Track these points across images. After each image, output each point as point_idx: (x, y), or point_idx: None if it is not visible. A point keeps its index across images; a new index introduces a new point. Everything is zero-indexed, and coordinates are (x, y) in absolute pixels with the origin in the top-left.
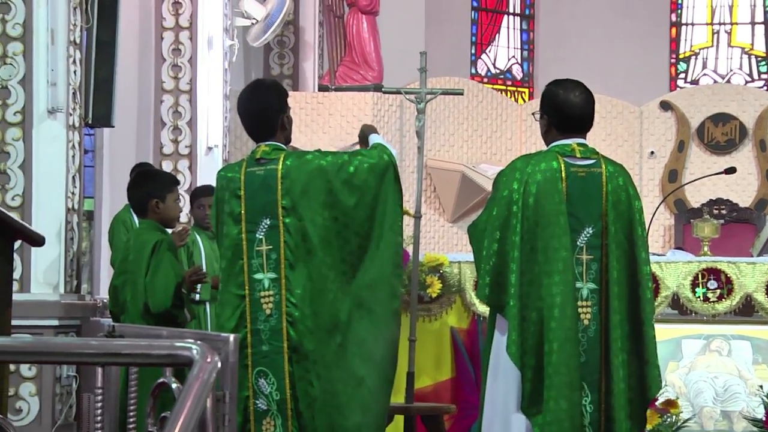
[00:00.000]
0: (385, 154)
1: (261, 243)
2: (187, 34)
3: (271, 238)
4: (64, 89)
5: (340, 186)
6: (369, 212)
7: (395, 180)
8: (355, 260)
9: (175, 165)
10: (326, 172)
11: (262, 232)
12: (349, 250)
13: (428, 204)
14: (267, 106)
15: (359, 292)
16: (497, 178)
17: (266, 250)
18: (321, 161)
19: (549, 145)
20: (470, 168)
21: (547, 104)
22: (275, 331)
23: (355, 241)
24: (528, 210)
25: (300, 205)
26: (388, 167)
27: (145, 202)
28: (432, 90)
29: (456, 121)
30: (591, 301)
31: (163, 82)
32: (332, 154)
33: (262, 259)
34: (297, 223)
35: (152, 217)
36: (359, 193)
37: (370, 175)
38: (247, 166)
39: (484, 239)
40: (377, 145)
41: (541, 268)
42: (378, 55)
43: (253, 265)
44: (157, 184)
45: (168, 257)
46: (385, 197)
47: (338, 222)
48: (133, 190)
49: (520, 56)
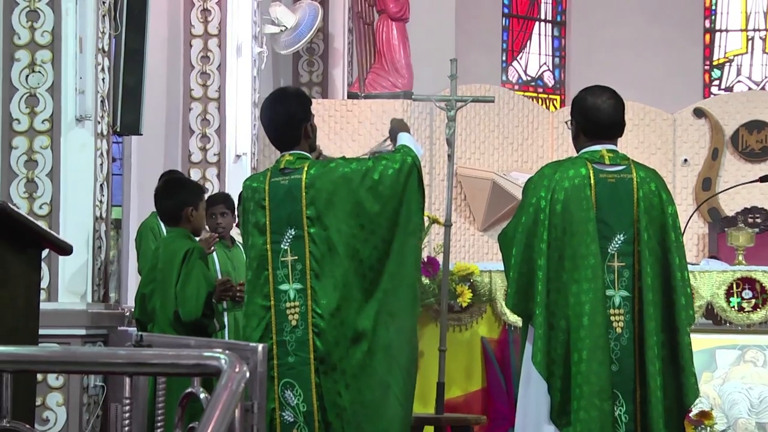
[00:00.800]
0: (408, 157)
1: (286, 254)
2: (216, 42)
3: (297, 248)
4: (92, 97)
5: (365, 194)
6: (394, 218)
7: (419, 183)
8: (380, 266)
9: (204, 173)
10: (351, 180)
11: (287, 243)
12: (377, 257)
13: (458, 212)
14: (290, 114)
15: (384, 298)
16: (526, 186)
17: (291, 260)
18: (345, 169)
19: (579, 151)
20: (501, 176)
21: (576, 109)
22: (301, 342)
23: (381, 247)
24: (555, 217)
25: (325, 214)
26: (412, 170)
27: (179, 211)
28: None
29: (487, 129)
30: (624, 308)
31: (192, 90)
32: (356, 161)
33: (287, 269)
34: (322, 232)
35: (185, 225)
36: (384, 200)
37: (395, 181)
38: (272, 176)
39: (512, 247)
40: (402, 148)
41: (569, 275)
42: (408, 62)
43: (279, 275)
44: (190, 191)
45: (200, 266)
46: (409, 201)
47: (365, 230)
48: (165, 199)
49: (552, 63)
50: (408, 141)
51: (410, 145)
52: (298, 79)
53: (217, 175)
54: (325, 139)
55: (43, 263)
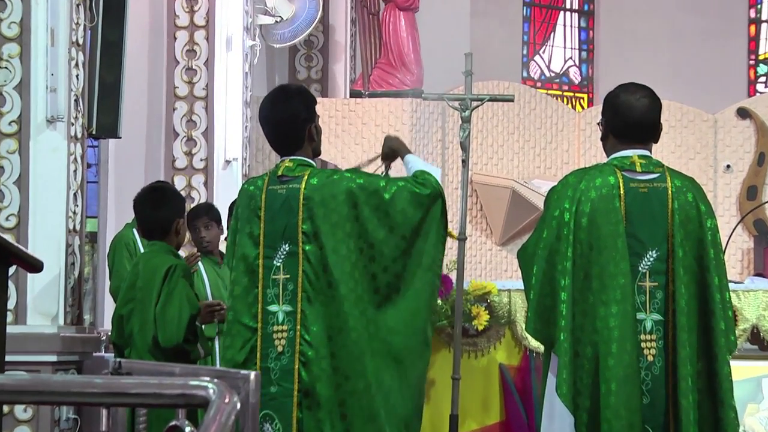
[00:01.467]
0: (432, 182)
1: (278, 271)
2: (203, 34)
3: (290, 266)
4: (65, 96)
5: (370, 214)
6: (404, 247)
7: (442, 214)
8: (383, 300)
9: (189, 181)
10: (355, 195)
11: (280, 259)
12: (376, 288)
13: (474, 224)
14: (292, 115)
15: (387, 337)
16: (548, 196)
17: (283, 279)
18: (350, 183)
19: (608, 155)
20: (521, 184)
21: (607, 107)
22: (286, 371)
23: (383, 278)
24: (581, 232)
25: (322, 231)
26: (436, 199)
27: (170, 223)
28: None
29: (506, 131)
30: (656, 334)
31: (176, 88)
32: (366, 176)
33: (278, 288)
34: (318, 251)
35: (171, 239)
36: (392, 226)
37: (411, 206)
38: (269, 183)
39: (533, 265)
40: (421, 174)
41: (597, 297)
42: (417, 57)
43: (269, 295)
44: (179, 201)
45: (182, 285)
46: (427, 232)
47: (363, 254)
48: (154, 209)
49: (578, 57)
50: (423, 165)
51: (428, 169)
52: (294, 75)
53: (204, 183)
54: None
55: (10, 281)
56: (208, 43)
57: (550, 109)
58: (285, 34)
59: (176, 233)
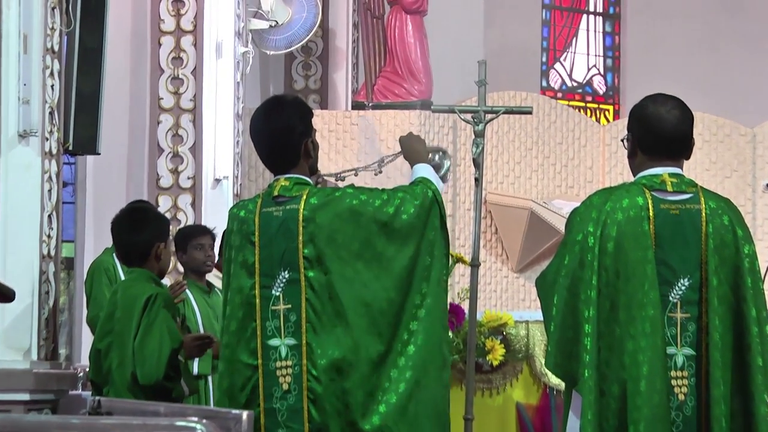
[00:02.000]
0: (429, 190)
1: (278, 301)
2: (191, 39)
3: (291, 295)
4: (39, 108)
5: (377, 231)
6: (412, 264)
7: (441, 223)
8: (396, 322)
9: (175, 201)
10: (360, 213)
11: (279, 288)
12: (391, 311)
13: (488, 249)
14: (287, 128)
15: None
16: (570, 218)
17: (284, 309)
18: (353, 200)
19: (635, 172)
20: (541, 204)
21: (634, 120)
22: (294, 411)
23: (397, 299)
24: (606, 258)
25: (327, 255)
26: (432, 206)
27: (150, 248)
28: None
29: (523, 147)
30: (687, 370)
31: (161, 99)
32: (368, 192)
33: (279, 320)
34: (323, 277)
35: (151, 265)
36: (401, 240)
37: (415, 218)
38: (263, 204)
39: (554, 294)
40: (421, 180)
41: (624, 329)
42: (426, 65)
43: (268, 327)
44: (160, 224)
45: (163, 316)
46: (431, 245)
47: (375, 276)
48: (133, 232)
49: (603, 65)
50: (427, 173)
51: (430, 177)
52: (291, 84)
53: (192, 204)
54: (324, 158)
55: None
56: (196, 49)
57: (572, 122)
58: (280, 41)
59: (157, 259)
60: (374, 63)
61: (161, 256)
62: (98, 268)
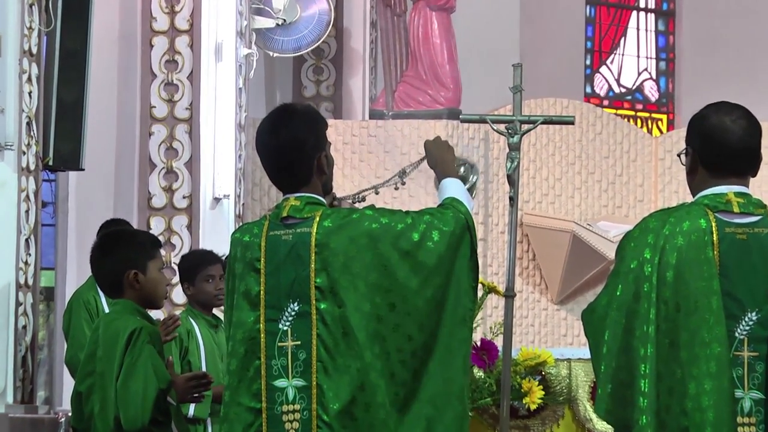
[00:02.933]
0: (461, 214)
1: (285, 336)
2: (186, 40)
3: (300, 330)
4: (15, 118)
5: (399, 261)
6: (439, 298)
7: (472, 252)
8: (418, 365)
9: (169, 223)
10: (379, 239)
11: (287, 322)
12: (411, 351)
13: (525, 278)
14: (297, 142)
15: (420, 410)
16: (622, 244)
17: (292, 346)
18: (372, 224)
19: (694, 191)
20: (585, 227)
21: (693, 132)
22: None
23: (419, 338)
24: (666, 289)
25: (341, 285)
26: (463, 234)
27: (118, 275)
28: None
29: (564, 161)
30: (755, 416)
31: (153, 107)
32: (390, 214)
33: (286, 359)
34: (336, 310)
35: (129, 295)
36: (426, 272)
37: (444, 246)
38: (270, 227)
39: (605, 330)
40: (451, 202)
41: (686, 370)
42: (453, 68)
43: (274, 367)
44: (134, 247)
45: (148, 353)
46: (459, 276)
47: (395, 311)
48: (100, 258)
49: (656, 69)
50: (458, 192)
51: (461, 197)
52: (300, 91)
53: (188, 226)
54: (338, 175)
55: None
56: (193, 51)
57: (620, 133)
58: (288, 42)
59: (131, 288)
60: (395, 67)
61: (137, 284)
62: (77, 301)
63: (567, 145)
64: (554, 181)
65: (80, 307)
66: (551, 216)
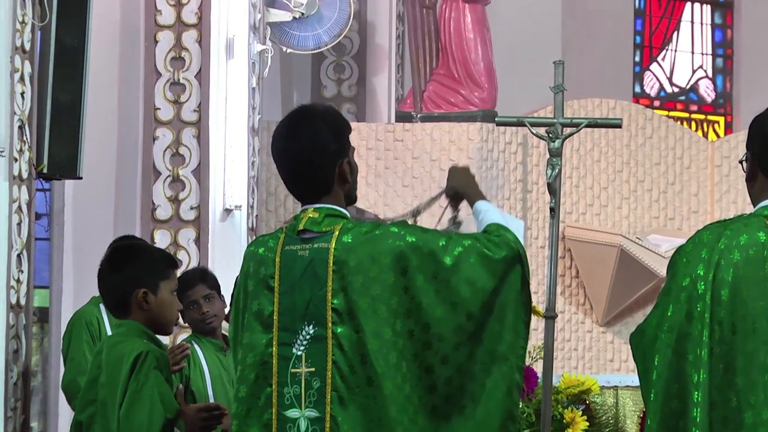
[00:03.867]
0: (510, 240)
1: (299, 362)
2: (195, 35)
3: (315, 355)
4: (6, 121)
5: (424, 284)
6: (471, 329)
7: (523, 285)
8: (441, 403)
9: (175, 236)
10: (405, 259)
11: (302, 346)
12: (431, 385)
13: (567, 297)
14: (317, 147)
15: None
16: (674, 260)
17: (306, 373)
18: (398, 241)
19: (755, 202)
20: (633, 241)
21: (754, 135)
22: None
23: (442, 372)
24: (720, 309)
25: (359, 308)
26: (514, 263)
27: (127, 294)
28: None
29: (611, 168)
30: None
31: (158, 110)
32: (420, 233)
33: (299, 387)
34: (354, 335)
35: (137, 316)
36: (454, 299)
37: (481, 274)
38: (286, 242)
39: (655, 354)
40: (496, 229)
41: (742, 398)
42: (488, 66)
43: (286, 395)
44: (146, 264)
45: (154, 379)
46: (503, 309)
47: (414, 339)
48: (109, 276)
49: (712, 66)
50: (499, 216)
51: (505, 222)
52: (319, 90)
53: (196, 240)
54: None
55: None
56: (201, 47)
57: (672, 137)
58: (307, 37)
59: (140, 308)
60: (424, 64)
61: (146, 304)
62: (78, 321)
63: (614, 151)
64: (600, 190)
65: (82, 328)
66: (596, 229)
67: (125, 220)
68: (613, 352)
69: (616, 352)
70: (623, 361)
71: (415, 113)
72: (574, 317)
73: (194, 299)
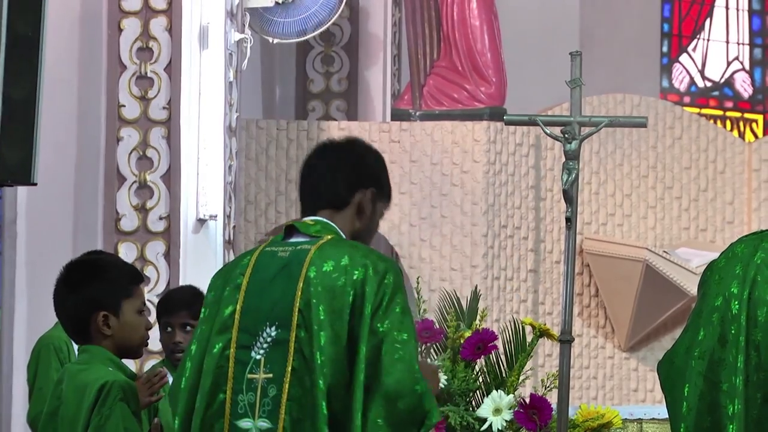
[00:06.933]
0: (423, 390)
1: (257, 367)
2: (164, 23)
3: (275, 361)
4: None
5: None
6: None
7: None
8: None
9: (142, 250)
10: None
11: (261, 350)
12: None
13: (586, 318)
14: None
15: None
16: (705, 276)
17: (263, 380)
18: (350, 275)
19: None
20: (660, 255)
21: None
22: None
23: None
24: (758, 330)
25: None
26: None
27: (85, 319)
28: (592, 118)
29: (635, 173)
30: None
31: (122, 107)
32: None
33: (254, 394)
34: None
35: (100, 342)
36: None
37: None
38: (268, 245)
39: (685, 384)
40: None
41: None
42: (496, 57)
43: (239, 403)
44: (104, 284)
45: (120, 413)
46: None
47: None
48: (64, 299)
49: (749, 58)
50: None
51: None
52: (305, 85)
53: (165, 254)
54: None
55: None
56: (172, 36)
57: (704, 137)
58: (291, 24)
59: (101, 333)
60: (423, 55)
61: (107, 329)
62: (45, 347)
63: (638, 153)
64: (622, 198)
65: (50, 354)
66: (618, 241)
67: (85, 232)
68: (637, 381)
69: (640, 381)
70: (649, 391)
71: (413, 111)
72: (594, 341)
73: (171, 323)
